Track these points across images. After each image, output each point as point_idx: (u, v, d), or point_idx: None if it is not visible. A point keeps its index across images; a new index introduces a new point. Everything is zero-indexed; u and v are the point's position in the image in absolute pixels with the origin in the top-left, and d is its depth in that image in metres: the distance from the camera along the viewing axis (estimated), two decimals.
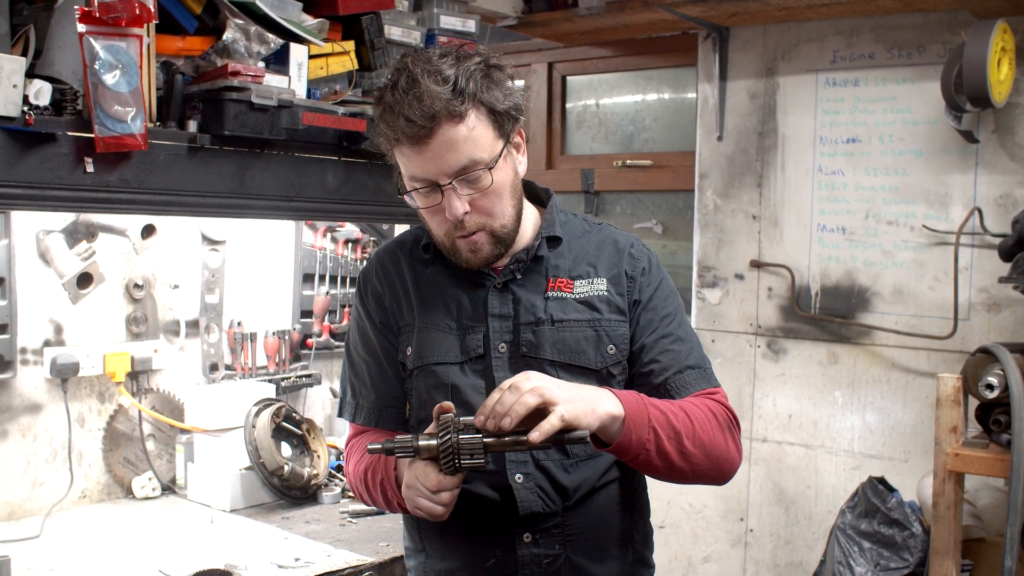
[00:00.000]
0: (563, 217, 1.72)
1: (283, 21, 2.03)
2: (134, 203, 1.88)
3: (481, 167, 1.51)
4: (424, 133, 1.47)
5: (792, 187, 3.40)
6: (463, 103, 1.48)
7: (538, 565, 1.61)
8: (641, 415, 1.47)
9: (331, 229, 3.32)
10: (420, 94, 1.46)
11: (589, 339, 1.62)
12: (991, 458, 2.37)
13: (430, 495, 1.45)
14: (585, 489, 1.62)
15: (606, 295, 1.64)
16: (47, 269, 2.61)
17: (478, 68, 1.51)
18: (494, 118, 1.53)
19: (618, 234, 1.72)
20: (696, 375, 1.63)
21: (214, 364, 3.04)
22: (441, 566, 1.69)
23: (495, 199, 1.55)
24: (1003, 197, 3.00)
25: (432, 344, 1.65)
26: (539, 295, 1.64)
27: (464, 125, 1.49)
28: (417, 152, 1.50)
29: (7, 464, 2.57)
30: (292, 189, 2.15)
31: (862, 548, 2.80)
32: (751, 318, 3.50)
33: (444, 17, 2.49)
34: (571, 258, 1.67)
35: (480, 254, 1.59)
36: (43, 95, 1.69)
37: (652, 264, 1.69)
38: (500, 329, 1.63)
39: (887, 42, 3.18)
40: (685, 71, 3.80)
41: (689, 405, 1.56)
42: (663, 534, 3.71)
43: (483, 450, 1.41)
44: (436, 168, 1.50)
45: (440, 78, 1.48)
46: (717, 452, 1.56)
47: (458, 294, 1.66)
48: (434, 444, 1.42)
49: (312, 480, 2.77)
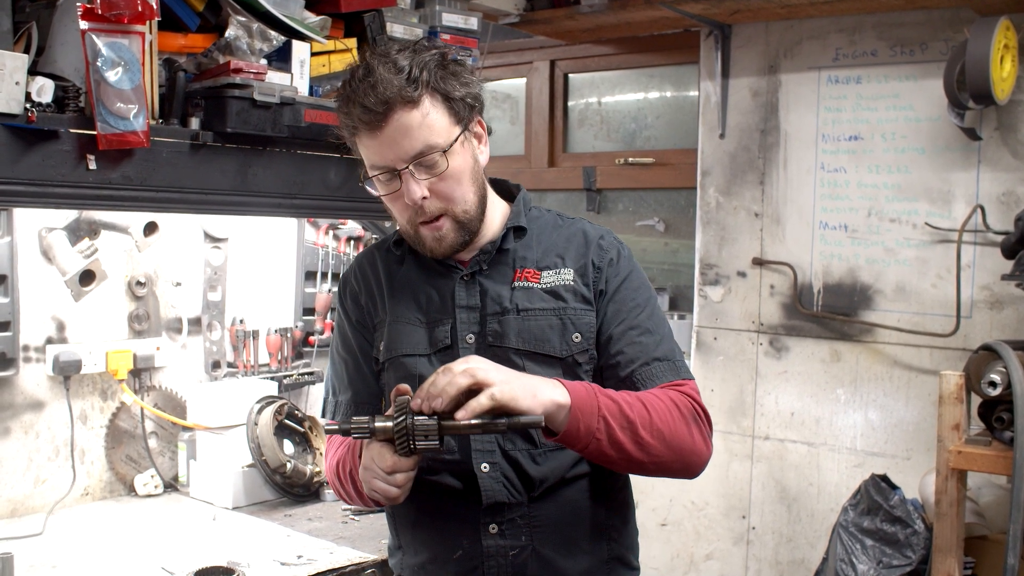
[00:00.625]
0: (535, 212, 1.74)
1: (285, 18, 2.03)
2: (136, 200, 1.88)
3: (436, 151, 1.54)
4: (379, 119, 1.51)
5: (794, 185, 3.40)
6: (416, 89, 1.52)
7: (504, 557, 1.61)
8: (590, 404, 1.47)
9: (333, 227, 3.32)
10: (375, 82, 1.50)
11: (554, 327, 1.62)
12: (994, 455, 2.37)
13: (385, 476, 1.46)
14: (553, 480, 1.61)
15: (572, 285, 1.64)
16: (49, 266, 2.61)
17: (433, 58, 1.55)
18: (449, 105, 1.56)
19: (589, 227, 1.73)
20: (664, 367, 1.62)
21: (216, 361, 3.04)
22: (415, 561, 1.70)
23: (454, 184, 1.58)
24: (1006, 194, 3.00)
25: (401, 337, 1.67)
26: (506, 285, 1.65)
27: (418, 111, 1.52)
28: (373, 138, 1.54)
29: (10, 461, 2.57)
30: (294, 186, 2.15)
31: (864, 546, 2.80)
32: (753, 316, 3.49)
33: (446, 14, 2.49)
34: (539, 250, 1.68)
35: (445, 242, 1.61)
36: (45, 92, 1.69)
37: (621, 255, 1.69)
38: (467, 320, 1.64)
39: (890, 39, 3.18)
40: (687, 69, 3.80)
41: (649, 396, 1.54)
42: (665, 532, 3.71)
43: (438, 432, 1.42)
44: (393, 154, 1.54)
45: (395, 67, 1.52)
46: (679, 443, 1.53)
47: (427, 288, 1.68)
48: (389, 426, 1.43)
49: (314, 477, 2.77)
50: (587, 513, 1.65)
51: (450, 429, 1.42)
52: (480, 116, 1.64)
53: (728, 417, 3.51)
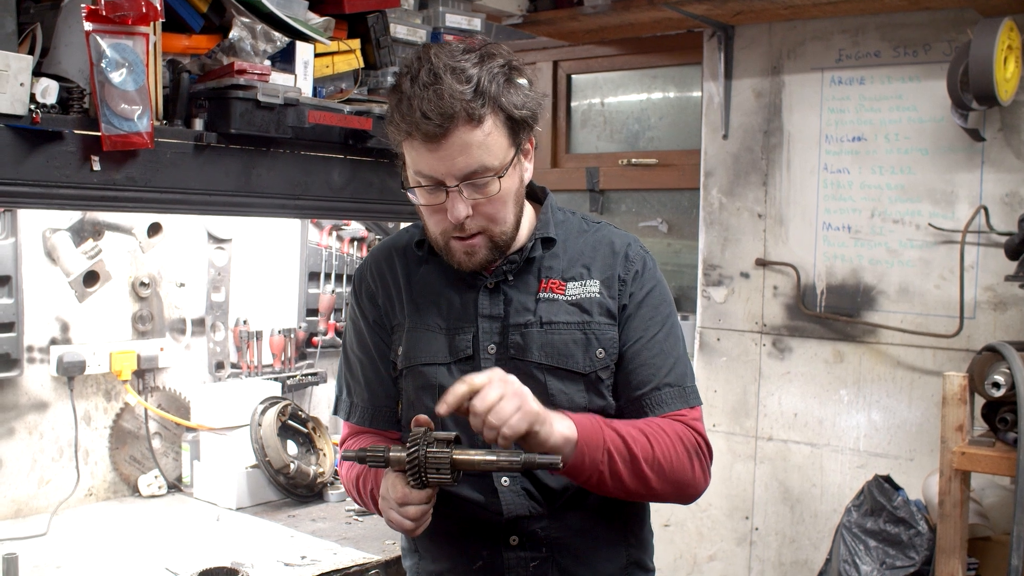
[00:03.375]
0: (560, 216, 1.70)
1: (289, 19, 2.04)
2: (140, 201, 1.88)
3: (491, 174, 1.49)
4: (439, 132, 1.44)
5: (798, 186, 3.39)
6: (483, 106, 1.45)
7: (524, 568, 1.60)
8: (596, 438, 1.47)
9: (337, 227, 3.32)
10: (441, 91, 1.43)
11: (578, 342, 1.59)
12: (997, 456, 2.37)
13: (398, 508, 1.45)
14: (572, 491, 1.60)
15: (598, 298, 1.62)
16: (54, 267, 2.62)
17: (501, 71, 1.49)
18: (510, 125, 1.51)
19: (616, 234, 1.70)
20: (673, 394, 1.61)
21: (220, 362, 3.04)
22: (432, 568, 1.69)
23: (499, 206, 1.53)
24: (1009, 195, 2.99)
25: (421, 344, 1.63)
26: (530, 296, 1.62)
27: (480, 130, 1.46)
28: (429, 150, 1.47)
29: (14, 462, 2.58)
30: (298, 187, 2.15)
31: (868, 547, 2.80)
32: (756, 317, 3.49)
33: (450, 15, 2.50)
34: (565, 259, 1.65)
35: (475, 258, 1.57)
36: (50, 93, 1.69)
37: (647, 267, 1.67)
38: (489, 330, 1.61)
39: (893, 40, 3.17)
40: (690, 69, 3.80)
41: (655, 429, 1.54)
42: (668, 533, 3.71)
43: (450, 466, 1.40)
44: (445, 169, 1.48)
45: (463, 76, 1.45)
46: (678, 477, 1.55)
47: (449, 294, 1.64)
48: (403, 456, 1.41)
49: (318, 478, 2.77)
50: (606, 523, 1.64)
51: (463, 464, 1.40)
52: (533, 132, 1.59)
53: (731, 418, 3.51)
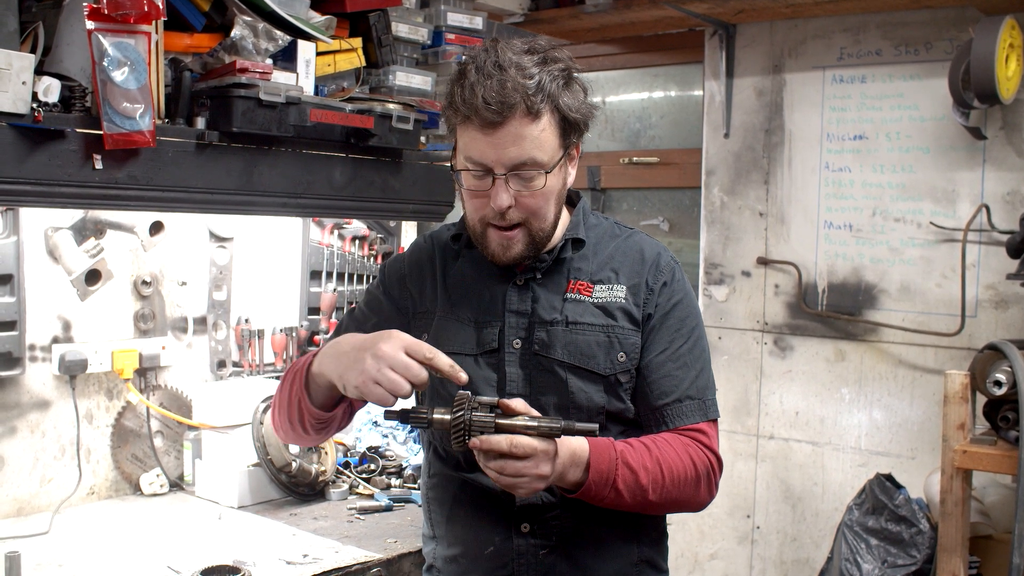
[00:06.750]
0: (593, 220, 1.75)
1: (291, 18, 2.04)
2: (142, 200, 1.89)
3: (538, 168, 1.54)
4: (497, 120, 1.50)
5: (799, 184, 3.40)
6: (541, 102, 1.51)
7: (534, 556, 1.64)
8: (608, 472, 1.54)
9: (338, 226, 3.32)
10: (504, 81, 1.49)
11: (601, 344, 1.63)
12: (999, 455, 2.37)
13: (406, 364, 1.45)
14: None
15: (623, 303, 1.66)
16: (55, 266, 2.62)
17: (561, 74, 1.55)
18: (564, 126, 1.56)
19: (647, 242, 1.73)
20: (693, 407, 1.66)
21: (222, 361, 3.05)
22: (448, 553, 1.73)
23: (542, 201, 1.58)
24: (1011, 194, 2.99)
25: (449, 334, 1.68)
26: (558, 295, 1.66)
27: (536, 125, 1.52)
28: (484, 136, 1.52)
29: (16, 461, 2.58)
30: (300, 186, 2.15)
31: (869, 545, 2.80)
32: (758, 315, 3.49)
33: (451, 14, 2.50)
34: (595, 262, 1.69)
35: (511, 251, 1.61)
36: (52, 92, 1.70)
37: (675, 278, 1.70)
38: (516, 325, 1.66)
39: (894, 39, 3.17)
40: (692, 68, 3.79)
41: (670, 455, 1.60)
42: (669, 531, 3.69)
43: (494, 430, 1.46)
44: (496, 156, 1.53)
45: (526, 72, 1.51)
46: (685, 499, 1.65)
47: (480, 288, 1.69)
48: (447, 419, 1.48)
49: (320, 477, 2.77)
50: (619, 516, 1.66)
51: (506, 428, 1.46)
52: (581, 139, 1.64)
53: (733, 417, 3.51)
